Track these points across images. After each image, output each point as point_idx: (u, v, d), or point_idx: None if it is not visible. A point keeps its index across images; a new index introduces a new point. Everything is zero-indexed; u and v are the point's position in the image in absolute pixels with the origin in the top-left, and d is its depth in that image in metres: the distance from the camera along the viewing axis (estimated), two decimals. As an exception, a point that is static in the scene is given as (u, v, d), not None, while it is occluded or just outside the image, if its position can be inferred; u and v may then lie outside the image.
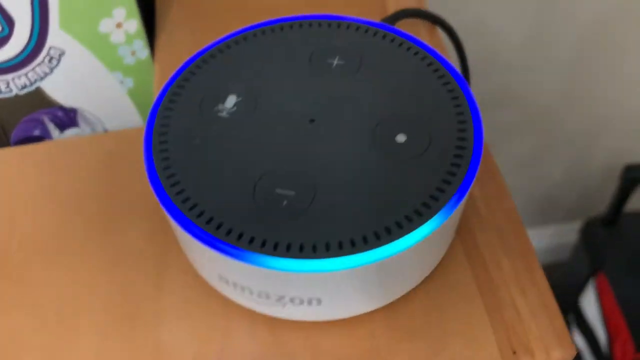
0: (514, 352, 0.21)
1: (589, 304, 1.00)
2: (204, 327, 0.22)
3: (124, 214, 0.25)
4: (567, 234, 1.13)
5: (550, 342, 0.21)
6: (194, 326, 0.22)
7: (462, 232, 0.24)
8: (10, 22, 0.28)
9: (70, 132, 0.32)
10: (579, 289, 1.01)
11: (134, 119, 0.32)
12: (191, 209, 0.19)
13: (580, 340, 1.01)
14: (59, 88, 0.30)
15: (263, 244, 0.19)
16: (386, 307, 0.22)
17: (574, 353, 0.21)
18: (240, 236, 0.19)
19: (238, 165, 0.21)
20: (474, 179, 0.20)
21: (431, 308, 0.22)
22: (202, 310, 0.22)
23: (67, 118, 0.31)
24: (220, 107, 0.22)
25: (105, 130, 0.32)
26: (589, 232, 1.03)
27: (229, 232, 0.19)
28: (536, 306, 0.22)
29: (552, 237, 1.18)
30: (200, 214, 0.19)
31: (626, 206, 0.98)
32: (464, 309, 0.22)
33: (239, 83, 0.23)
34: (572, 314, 1.03)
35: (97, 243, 0.24)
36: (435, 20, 0.31)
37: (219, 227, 0.19)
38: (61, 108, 0.31)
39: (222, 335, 0.22)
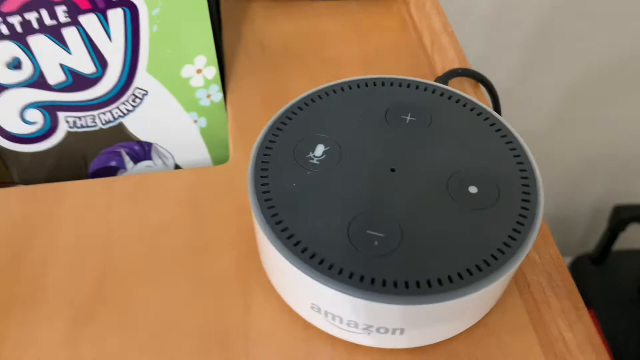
0: (566, 382, 0.24)
1: (578, 340, 1.02)
2: (289, 348, 0.24)
3: (210, 243, 0.28)
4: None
5: (596, 374, 0.24)
6: (280, 348, 0.25)
7: (516, 274, 0.27)
8: (104, 65, 0.31)
9: (143, 165, 0.35)
10: (569, 325, 1.04)
11: (203, 155, 0.35)
12: (296, 245, 0.22)
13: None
14: (139, 124, 0.33)
15: (361, 279, 0.21)
16: (454, 339, 0.25)
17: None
18: (341, 271, 0.22)
19: (333, 207, 0.24)
20: (539, 229, 0.23)
21: (491, 340, 0.25)
22: (287, 335, 0.25)
23: (143, 152, 0.34)
24: (311, 154, 0.25)
25: (176, 165, 0.35)
26: (578, 269, 1.07)
27: (330, 267, 0.22)
28: (583, 341, 0.25)
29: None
30: (304, 250, 0.22)
31: (614, 245, 1.02)
32: (519, 341, 0.25)
33: (325, 134, 0.26)
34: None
35: (187, 269, 0.27)
36: (479, 79, 0.34)
37: (321, 262, 0.22)
38: (138, 142, 0.34)
39: (306, 357, 0.24)
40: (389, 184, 0.24)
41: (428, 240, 0.23)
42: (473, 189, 0.24)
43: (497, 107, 0.37)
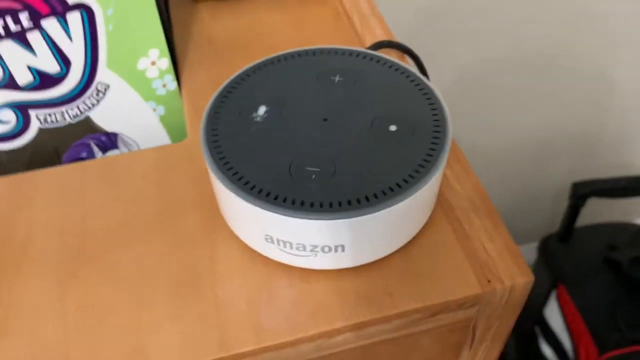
0: (489, 281, 0.28)
1: (553, 315, 1.07)
2: (252, 283, 0.28)
3: (176, 209, 0.31)
4: (527, 254, 1.22)
5: (514, 273, 0.28)
6: (243, 283, 0.28)
7: (441, 202, 0.31)
8: (67, 63, 0.34)
9: (111, 154, 0.38)
10: (543, 302, 1.08)
11: (164, 140, 0.39)
12: (245, 183, 0.26)
13: (547, 350, 1.07)
14: (104, 116, 0.37)
15: (302, 203, 0.25)
16: (390, 256, 0.29)
17: (532, 279, 0.28)
18: (285, 199, 0.26)
19: (275, 152, 0.28)
20: (447, 155, 0.27)
21: (423, 255, 0.29)
22: (249, 271, 0.29)
23: (110, 142, 0.38)
24: (254, 114, 0.29)
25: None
26: (546, 249, 1.12)
27: (276, 197, 0.26)
28: (502, 249, 0.29)
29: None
30: (253, 187, 0.26)
31: (578, 221, 1.07)
32: (448, 254, 0.29)
33: (266, 97, 0.30)
34: (538, 326, 1.10)
35: (158, 231, 0.30)
36: (405, 50, 0.39)
37: (267, 194, 0.26)
38: (105, 133, 0.37)
39: (267, 287, 0.28)
40: (322, 130, 0.29)
41: (357, 169, 0.27)
42: (393, 127, 0.28)
43: (423, 73, 0.42)
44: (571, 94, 0.97)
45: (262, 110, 0.30)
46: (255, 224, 0.27)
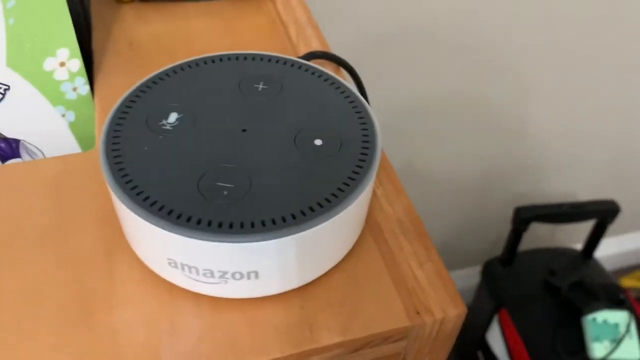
0: (418, 313, 0.25)
1: (495, 338, 1.07)
2: (153, 311, 0.25)
3: (73, 224, 0.28)
4: (469, 278, 1.22)
5: (446, 304, 0.26)
6: (143, 311, 0.25)
7: (370, 223, 0.29)
8: (-41, 60, 0.31)
9: (11, 162, 0.34)
10: (485, 326, 1.08)
11: (73, 150, 0.35)
12: (145, 199, 0.23)
13: (489, 374, 1.07)
14: (3, 121, 0.33)
15: (209, 224, 0.22)
16: (310, 284, 0.26)
17: (465, 311, 0.26)
18: (189, 219, 0.22)
19: (184, 165, 0.25)
20: (376, 173, 0.25)
21: (348, 282, 0.26)
22: (151, 298, 0.25)
23: (10, 149, 0.34)
24: (164, 122, 0.26)
25: (46, 160, 0.35)
26: (488, 272, 1.12)
27: (179, 216, 0.23)
28: (433, 276, 0.27)
29: (456, 281, 1.26)
30: (153, 204, 0.23)
31: (520, 246, 1.07)
32: (374, 282, 0.26)
33: (179, 103, 0.27)
34: (480, 350, 1.09)
35: (50, 250, 0.27)
36: (339, 62, 0.37)
37: (170, 212, 0.23)
38: (4, 139, 0.33)
39: (170, 317, 0.25)
40: (240, 142, 0.26)
41: (275, 187, 0.24)
42: (318, 142, 0.26)
43: (360, 88, 0.39)
44: (511, 122, 0.98)
45: (172, 117, 0.27)
46: (157, 246, 0.24)
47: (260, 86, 0.29)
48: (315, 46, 0.39)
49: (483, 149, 1.01)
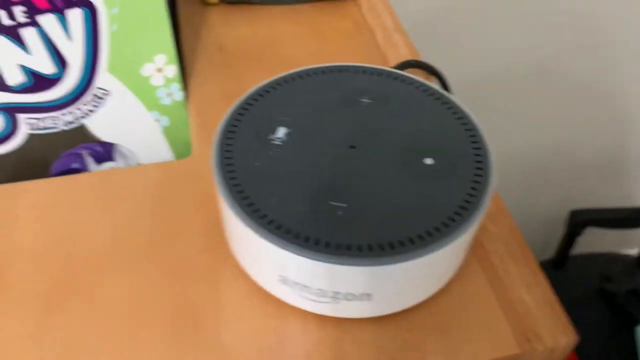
0: (528, 340, 0.25)
1: (544, 344, 1.04)
2: (261, 326, 0.25)
3: (176, 233, 0.28)
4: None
5: (556, 331, 0.25)
6: (251, 326, 0.25)
7: (474, 244, 0.28)
8: (64, 65, 0.31)
9: (106, 166, 0.35)
10: (534, 331, 1.06)
11: (165, 154, 0.35)
12: (262, 217, 0.23)
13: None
14: (101, 125, 0.33)
15: (326, 245, 0.22)
16: (418, 306, 0.25)
17: (576, 339, 0.25)
18: (307, 239, 0.22)
19: (296, 183, 0.24)
20: (491, 196, 0.24)
21: (455, 306, 0.26)
22: (258, 312, 0.25)
23: (105, 152, 0.34)
24: (273, 136, 0.26)
25: (139, 164, 0.35)
26: (539, 275, 1.10)
27: (297, 235, 0.22)
28: (541, 301, 0.26)
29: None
30: (271, 222, 0.23)
31: (573, 249, 1.05)
32: (481, 306, 0.26)
33: (286, 117, 0.27)
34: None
35: (155, 259, 0.27)
36: (432, 71, 0.36)
37: (287, 231, 0.22)
38: (100, 143, 0.34)
39: (277, 333, 0.25)
40: (349, 159, 0.25)
41: (389, 208, 0.24)
42: (428, 160, 0.25)
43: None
44: (571, 118, 0.95)
45: (281, 132, 0.26)
46: (269, 263, 0.24)
47: (365, 100, 0.28)
48: (404, 53, 0.38)
49: (541, 144, 0.98)
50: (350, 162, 0.25)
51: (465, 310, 0.26)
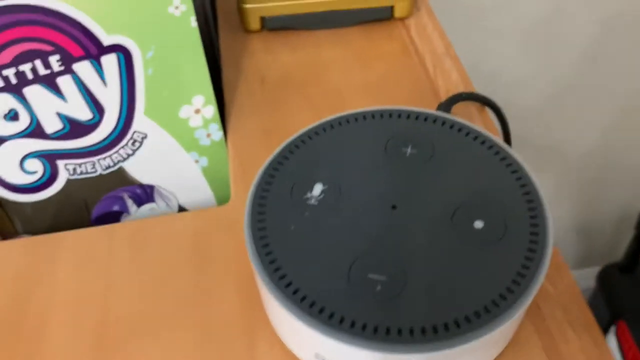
0: None
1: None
2: (296, 400, 0.24)
3: (213, 289, 0.27)
4: (584, 280, 1.14)
5: (621, 414, 0.23)
6: (287, 399, 0.24)
7: (529, 309, 0.26)
8: (100, 110, 0.30)
9: (146, 207, 0.34)
10: (601, 337, 1.01)
11: (206, 195, 0.35)
12: (294, 292, 0.21)
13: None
14: (139, 168, 0.33)
15: (363, 327, 0.20)
16: (466, 381, 0.23)
17: None
18: (342, 320, 0.21)
19: (332, 250, 0.23)
20: (547, 269, 0.22)
21: (507, 381, 0.24)
22: (294, 384, 0.24)
23: (145, 194, 0.34)
24: (309, 194, 0.25)
25: (179, 205, 0.35)
26: (606, 279, 1.04)
27: (331, 315, 0.21)
28: (605, 379, 0.24)
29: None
30: (304, 299, 0.21)
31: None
32: (537, 381, 0.24)
33: (323, 172, 0.25)
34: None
35: (189, 319, 0.26)
36: (485, 102, 0.34)
37: (321, 311, 0.21)
38: (140, 185, 0.33)
39: (314, 407, 0.23)
40: (390, 222, 0.24)
41: (433, 281, 0.22)
42: (479, 224, 0.23)
43: (505, 128, 0.36)
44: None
45: (317, 189, 0.25)
46: (305, 341, 0.22)
47: (409, 150, 0.26)
48: (455, 79, 0.36)
49: (611, 139, 0.93)
50: (391, 226, 0.23)
51: (518, 386, 0.23)
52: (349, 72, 0.38)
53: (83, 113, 0.30)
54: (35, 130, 0.30)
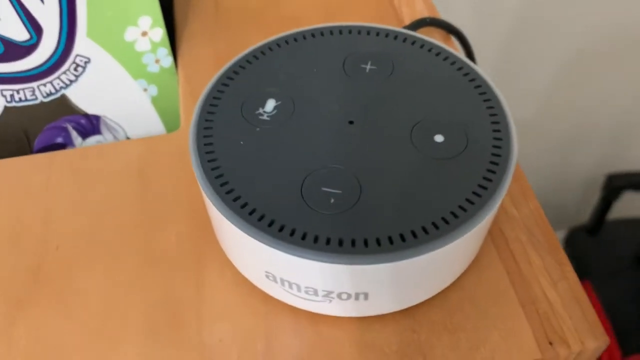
0: (551, 343, 0.22)
1: (575, 311, 1.01)
2: (247, 325, 0.22)
3: (159, 217, 0.25)
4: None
5: (584, 333, 0.22)
6: (237, 326, 0.22)
7: (493, 230, 0.25)
8: (38, 30, 0.28)
9: (92, 140, 0.32)
10: (565, 297, 1.02)
11: (156, 126, 0.33)
12: (243, 207, 0.20)
13: (567, 348, 1.02)
14: (84, 96, 0.31)
15: (315, 240, 0.19)
16: (425, 303, 0.22)
17: (607, 342, 0.22)
18: (292, 232, 0.19)
19: (284, 165, 0.21)
20: (510, 180, 0.21)
21: (467, 304, 0.23)
22: (245, 310, 0.23)
23: (90, 126, 0.32)
24: (260, 110, 0.23)
25: (128, 138, 0.33)
26: (573, 241, 1.06)
27: (281, 228, 0.19)
28: (568, 299, 0.23)
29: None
30: (252, 212, 0.20)
31: (609, 214, 1.00)
32: (498, 304, 0.23)
33: (276, 88, 0.24)
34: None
35: (134, 245, 0.25)
36: (450, 30, 0.32)
37: (271, 224, 0.19)
38: (85, 116, 0.31)
39: (266, 332, 0.22)
40: (346, 137, 0.22)
41: (390, 194, 0.20)
42: (439, 137, 0.22)
43: (470, 57, 0.35)
44: (612, 76, 0.89)
45: (270, 105, 0.23)
46: (255, 258, 0.21)
47: (368, 67, 0.25)
48: (420, 9, 0.34)
49: (578, 103, 0.93)
50: (347, 141, 0.22)
51: (479, 309, 0.23)
52: (309, 1, 0.36)
53: (19, 33, 0.28)
54: (-35, 51, 0.28)
